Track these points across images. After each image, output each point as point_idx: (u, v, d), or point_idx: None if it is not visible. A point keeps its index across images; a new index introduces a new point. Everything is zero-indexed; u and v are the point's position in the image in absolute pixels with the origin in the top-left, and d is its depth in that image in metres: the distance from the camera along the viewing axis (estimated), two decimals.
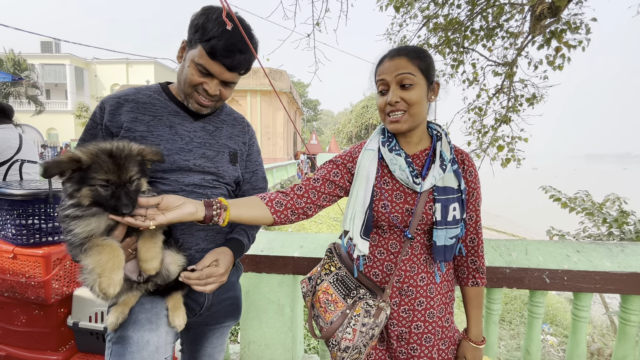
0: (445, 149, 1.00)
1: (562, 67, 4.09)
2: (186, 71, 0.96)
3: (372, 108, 34.95)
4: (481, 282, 1.06)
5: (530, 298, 1.49)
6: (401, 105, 0.95)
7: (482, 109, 4.79)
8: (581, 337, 1.46)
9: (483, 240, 1.07)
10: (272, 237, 1.74)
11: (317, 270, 1.14)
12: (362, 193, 1.01)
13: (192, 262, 0.98)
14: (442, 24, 4.56)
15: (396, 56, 0.97)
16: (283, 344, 1.65)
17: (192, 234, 1.01)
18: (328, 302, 1.04)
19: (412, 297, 1.00)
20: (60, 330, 1.57)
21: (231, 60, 0.94)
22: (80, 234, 0.78)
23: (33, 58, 26.00)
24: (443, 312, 1.03)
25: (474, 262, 1.06)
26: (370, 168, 1.01)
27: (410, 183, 0.97)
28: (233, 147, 1.10)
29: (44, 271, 1.44)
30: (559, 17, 3.72)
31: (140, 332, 0.88)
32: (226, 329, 1.16)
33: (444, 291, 1.04)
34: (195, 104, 0.99)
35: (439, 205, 0.96)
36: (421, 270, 1.00)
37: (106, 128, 0.97)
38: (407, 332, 1.01)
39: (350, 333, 0.95)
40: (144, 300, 0.93)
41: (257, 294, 1.64)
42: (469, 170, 1.03)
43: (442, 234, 0.96)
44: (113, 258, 0.79)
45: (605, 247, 1.47)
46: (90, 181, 0.77)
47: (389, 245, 1.02)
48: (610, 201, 4.27)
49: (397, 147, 1.01)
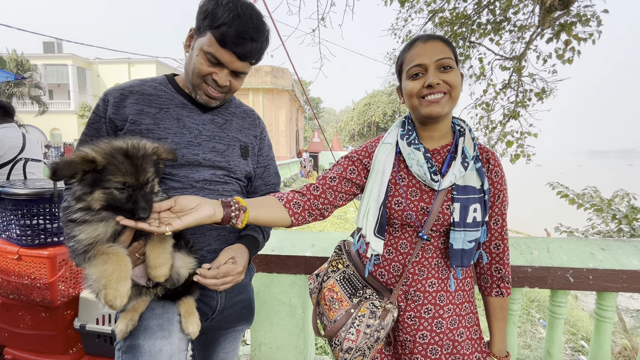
0: (469, 146, 0.93)
1: (572, 60, 4.01)
2: (194, 60, 0.90)
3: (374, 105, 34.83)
4: (506, 292, 0.98)
5: (552, 298, 1.43)
6: (442, 87, 0.87)
7: (490, 105, 4.72)
8: (605, 338, 1.41)
9: (509, 247, 0.99)
10: (282, 237, 1.70)
11: (325, 267, 1.09)
12: (376, 188, 0.95)
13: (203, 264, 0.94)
14: (448, 18, 4.48)
15: (430, 39, 0.91)
16: (295, 346, 1.61)
17: (203, 234, 0.96)
18: (333, 300, 0.99)
19: (418, 303, 0.94)
20: (67, 333, 1.53)
21: (242, 48, 0.88)
22: (84, 240, 0.72)
23: (35, 58, 26.05)
24: (456, 325, 0.95)
25: (498, 271, 0.98)
26: (386, 162, 0.96)
27: (427, 180, 0.91)
28: (244, 140, 1.05)
29: (50, 273, 1.40)
30: (569, 9, 3.64)
31: (152, 339, 0.83)
32: (239, 333, 1.11)
33: (458, 301, 0.96)
34: (204, 95, 0.94)
35: (457, 205, 0.89)
36: (431, 275, 0.94)
37: (110, 121, 0.91)
38: (411, 340, 0.95)
39: (353, 334, 0.90)
40: (154, 305, 0.88)
41: (268, 294, 1.60)
42: (494, 170, 0.95)
43: (460, 237, 0.89)
44: (119, 268, 0.74)
45: (632, 244, 1.41)
46: (105, 184, 0.71)
47: (399, 245, 0.96)
48: (619, 197, 4.20)
49: (416, 141, 0.94)
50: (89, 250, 0.73)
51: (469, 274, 1.00)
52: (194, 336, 0.89)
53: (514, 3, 4.27)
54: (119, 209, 0.74)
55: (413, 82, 0.91)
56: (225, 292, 1.02)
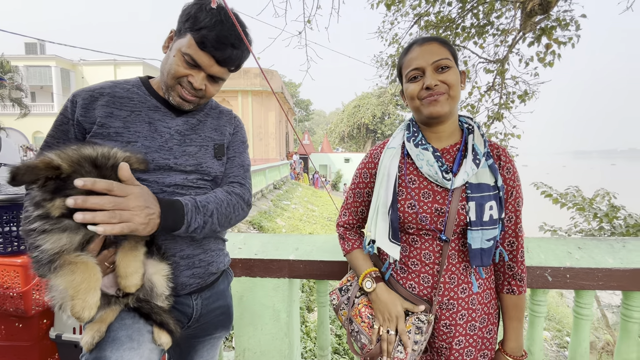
0: (479, 142, 0.93)
1: (553, 63, 4.12)
2: (171, 61, 0.89)
3: (363, 107, 35.07)
4: (518, 290, 0.96)
5: (532, 297, 1.46)
6: (441, 87, 0.88)
7: (475, 107, 4.81)
8: (584, 335, 1.43)
9: (524, 245, 0.98)
10: (266, 240, 1.68)
11: (354, 282, 1.06)
12: (383, 192, 0.95)
13: (177, 270, 0.91)
14: (434, 22, 4.55)
15: (426, 42, 0.92)
16: (279, 350, 1.59)
17: (174, 239, 0.93)
18: (372, 317, 0.97)
19: (453, 311, 0.93)
20: (43, 343, 1.48)
21: (222, 53, 0.87)
22: (50, 250, 0.67)
23: (17, 60, 25.34)
24: (485, 323, 0.96)
25: (510, 268, 0.97)
26: (390, 166, 0.96)
27: (439, 179, 0.90)
28: (218, 139, 1.02)
29: (23, 281, 1.36)
30: (549, 13, 3.74)
31: (120, 351, 0.78)
32: (217, 340, 1.09)
33: (486, 300, 0.96)
34: (177, 97, 0.92)
35: (472, 203, 0.88)
36: (462, 281, 0.93)
37: (78, 123, 0.88)
38: (447, 347, 0.94)
39: (402, 352, 0.88)
40: (124, 315, 0.84)
41: (251, 299, 1.58)
42: (506, 167, 0.94)
43: (478, 236, 0.88)
44: (88, 278, 0.70)
45: (607, 243, 1.44)
46: (68, 192, 0.66)
47: (422, 255, 0.94)
48: (600, 196, 4.32)
49: (423, 142, 0.94)
50: (55, 260, 0.69)
51: (492, 271, 1.00)
52: (166, 347, 0.86)
53: (496, 7, 4.38)
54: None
55: (412, 85, 0.92)
56: (202, 299, 1.00)
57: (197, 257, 0.96)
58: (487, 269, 0.98)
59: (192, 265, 0.95)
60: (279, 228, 9.55)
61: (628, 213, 3.93)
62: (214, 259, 1.01)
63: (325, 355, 1.65)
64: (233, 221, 0.98)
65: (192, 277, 0.96)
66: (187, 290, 0.96)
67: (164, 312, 0.87)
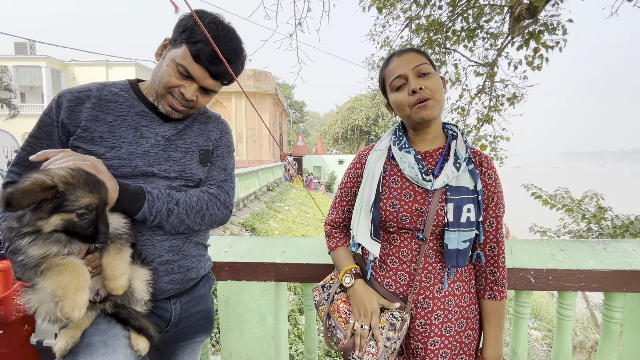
0: (461, 148, 0.96)
1: (541, 67, 4.19)
2: (164, 70, 0.88)
3: (357, 109, 35.22)
4: (499, 295, 0.97)
5: (516, 298, 1.47)
6: (426, 92, 0.91)
7: (465, 109, 4.86)
8: (566, 336, 1.45)
9: (505, 251, 0.99)
10: (252, 243, 1.67)
11: (335, 280, 1.07)
12: (367, 192, 0.99)
13: (155, 275, 0.90)
14: (424, 25, 4.60)
15: (404, 52, 0.96)
16: (266, 354, 1.58)
17: (154, 245, 0.91)
18: (349, 312, 0.99)
19: (428, 310, 0.94)
20: (24, 349, 1.45)
21: (217, 67, 0.88)
22: (37, 256, 0.68)
23: (6, 60, 24.95)
24: (463, 327, 0.96)
25: (492, 273, 0.98)
26: (375, 167, 1.00)
27: (419, 180, 0.94)
28: (205, 144, 1.01)
29: (3, 287, 1.33)
30: (536, 18, 3.80)
31: (93, 357, 0.76)
32: (198, 344, 1.08)
33: (464, 304, 0.97)
34: (167, 106, 0.91)
35: (451, 205, 0.91)
36: (437, 281, 0.95)
37: (63, 125, 0.86)
38: (422, 348, 0.95)
39: (373, 347, 0.89)
40: (99, 321, 0.83)
41: (238, 303, 1.57)
42: (487, 173, 0.97)
43: (455, 237, 0.91)
44: (77, 277, 0.70)
45: (588, 244, 1.47)
46: (65, 208, 0.67)
47: (401, 253, 0.97)
48: (588, 197, 4.39)
49: (406, 145, 0.99)
50: (41, 263, 0.68)
51: (472, 276, 1.01)
52: (143, 352, 0.84)
53: (486, 12, 4.43)
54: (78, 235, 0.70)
55: (399, 94, 0.96)
56: (181, 304, 0.99)
57: (176, 262, 0.95)
58: (466, 273, 0.99)
59: (170, 272, 0.94)
60: (272, 230, 9.52)
61: (615, 214, 4.00)
62: (193, 265, 1.00)
63: (312, 357, 1.64)
64: (207, 219, 0.96)
65: (171, 282, 0.95)
66: (165, 295, 0.95)
67: (143, 318, 0.86)
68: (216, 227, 1.04)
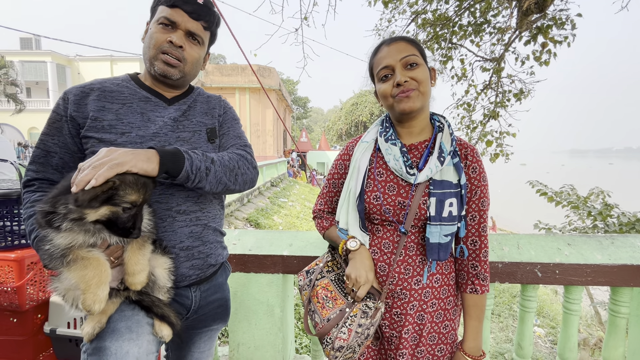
0: (446, 141, 0.96)
1: (549, 62, 4.14)
2: (150, 35, 0.94)
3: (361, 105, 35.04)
4: (480, 289, 0.97)
5: (522, 292, 1.48)
6: (411, 84, 0.91)
7: (471, 105, 4.82)
8: (572, 331, 1.46)
9: (488, 245, 0.99)
10: (260, 236, 1.69)
11: (319, 266, 1.09)
12: (353, 184, 1.00)
13: (176, 262, 0.93)
14: (431, 20, 4.55)
15: (394, 41, 0.95)
16: (273, 345, 1.61)
17: (174, 231, 0.94)
18: (327, 298, 1.00)
19: (405, 301, 0.96)
20: (37, 337, 1.49)
21: (191, 6, 0.94)
22: (62, 245, 0.72)
23: (12, 55, 25.11)
24: (441, 318, 0.98)
25: (474, 267, 0.98)
26: (362, 159, 1.00)
27: (403, 174, 0.94)
28: (210, 122, 1.04)
29: (17, 276, 1.36)
30: (545, 12, 3.75)
31: (119, 342, 0.81)
32: (214, 332, 1.11)
33: (443, 296, 0.98)
34: (161, 64, 0.94)
35: (433, 199, 0.91)
36: (416, 273, 0.96)
37: (72, 119, 0.90)
38: (397, 336, 0.97)
39: (345, 333, 0.91)
40: (124, 307, 0.86)
41: (246, 294, 1.59)
42: (472, 166, 0.97)
43: (436, 231, 0.91)
44: (100, 273, 0.74)
45: (596, 239, 1.47)
46: (115, 201, 0.72)
47: (382, 244, 0.98)
48: (594, 195, 4.36)
49: (393, 137, 0.99)
50: (67, 254, 0.72)
51: (452, 268, 1.01)
52: (167, 339, 0.88)
53: (493, 6, 4.38)
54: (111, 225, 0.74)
55: (384, 84, 0.96)
56: (200, 292, 1.02)
57: (196, 248, 0.98)
58: (447, 266, 0.99)
59: (191, 257, 0.97)
60: (276, 225, 9.56)
61: (621, 211, 3.97)
62: (212, 251, 1.03)
63: (319, 350, 1.66)
64: (240, 178, 0.97)
65: (192, 268, 0.98)
66: (187, 282, 0.98)
67: (165, 305, 0.89)
68: (248, 189, 1.06)
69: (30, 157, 0.92)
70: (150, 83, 1.00)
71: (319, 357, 1.66)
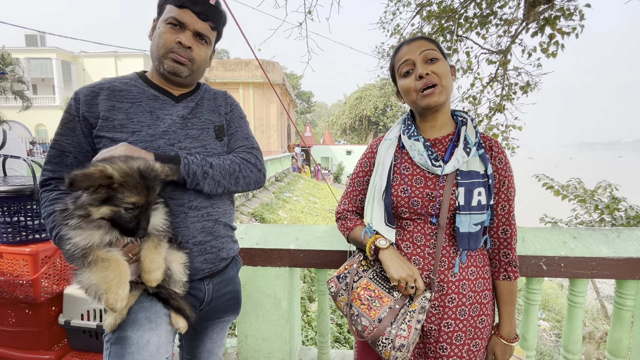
0: (470, 133, 0.98)
1: (556, 54, 4.08)
2: (158, 34, 0.95)
3: (365, 99, 34.81)
4: (514, 276, 1.01)
5: (527, 285, 1.49)
6: (433, 77, 0.94)
7: (477, 98, 4.78)
8: (577, 323, 1.47)
9: (517, 233, 1.02)
10: (267, 230, 1.72)
11: (354, 267, 1.08)
12: (378, 179, 1.02)
13: (190, 256, 0.96)
14: (436, 12, 4.50)
15: (413, 40, 0.99)
16: (280, 337, 1.64)
17: (187, 226, 0.97)
18: (372, 298, 0.98)
19: (442, 293, 0.97)
20: (52, 329, 1.53)
21: (200, 7, 0.95)
22: (81, 244, 0.75)
23: (17, 52, 25.23)
24: (477, 312, 0.98)
25: (506, 255, 1.01)
26: (386, 155, 1.03)
27: (429, 166, 0.96)
28: (217, 120, 1.06)
29: (32, 270, 1.40)
30: (552, 3, 3.69)
31: (140, 332, 0.85)
32: (226, 323, 1.14)
33: (478, 289, 0.98)
34: (171, 62, 0.96)
35: (462, 189, 0.93)
36: (452, 265, 0.96)
37: (84, 119, 0.92)
38: (436, 329, 0.97)
39: (405, 330, 0.89)
40: (142, 299, 0.90)
41: (253, 287, 1.62)
42: (498, 157, 0.99)
43: (466, 220, 0.92)
44: (120, 274, 0.78)
45: (602, 232, 1.47)
46: (116, 201, 0.74)
47: (414, 238, 0.99)
48: (602, 188, 4.32)
49: (415, 134, 1.01)
50: (88, 254, 0.76)
51: (487, 262, 1.03)
52: (183, 330, 0.92)
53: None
54: (117, 224, 0.77)
55: (406, 79, 0.99)
56: (213, 284, 1.05)
57: (209, 243, 1.01)
58: (480, 259, 1.00)
59: (204, 251, 1.00)
60: (281, 220, 9.61)
61: (629, 205, 3.93)
62: (224, 245, 1.06)
63: (325, 341, 1.69)
64: (242, 181, 1.01)
65: (205, 262, 1.01)
66: (200, 275, 1.01)
67: (181, 298, 0.93)
68: (253, 190, 1.10)
69: (46, 157, 0.95)
70: (158, 81, 1.01)
71: (325, 349, 1.70)
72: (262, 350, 1.66)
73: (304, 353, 1.81)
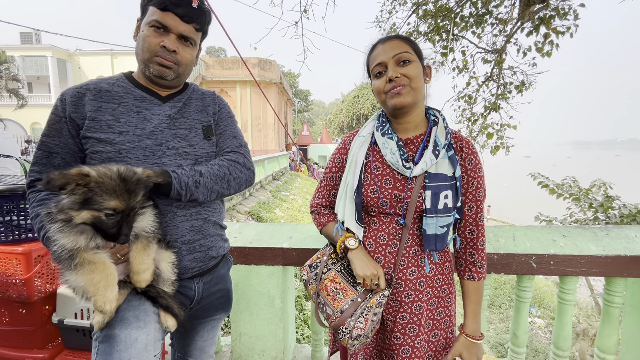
0: (440, 134, 0.98)
1: (551, 53, 4.10)
2: (142, 37, 0.95)
3: (363, 98, 34.81)
4: (477, 276, 1.02)
5: (518, 283, 1.51)
6: (402, 80, 0.94)
7: (472, 97, 4.80)
8: (567, 320, 1.49)
9: (484, 234, 1.03)
10: (261, 229, 1.72)
11: (323, 259, 1.11)
12: (350, 178, 1.02)
13: (179, 255, 0.96)
14: (432, 11, 4.51)
15: (388, 40, 0.98)
16: (274, 335, 1.65)
17: (176, 225, 0.97)
18: (337, 290, 1.03)
19: (399, 290, 1.00)
20: (46, 328, 1.53)
21: (182, 9, 0.94)
22: (67, 247, 0.75)
23: (12, 50, 25.02)
24: (435, 305, 1.02)
25: (471, 255, 1.02)
26: (359, 153, 1.03)
27: (400, 167, 0.96)
28: (205, 120, 1.06)
29: (25, 269, 1.40)
30: (547, 2, 3.71)
31: (128, 330, 0.85)
32: (217, 322, 1.15)
33: (437, 284, 1.02)
34: (157, 65, 0.95)
35: (429, 192, 0.94)
36: (411, 264, 0.99)
37: (71, 120, 0.92)
38: (392, 321, 1.01)
39: (362, 322, 0.94)
40: (131, 297, 0.90)
41: (247, 286, 1.63)
42: (467, 158, 0.99)
43: (433, 222, 0.94)
44: (106, 277, 0.78)
45: (591, 231, 1.49)
46: (95, 206, 0.73)
47: (378, 237, 1.01)
48: (596, 187, 4.35)
49: (389, 131, 1.01)
50: (74, 257, 0.76)
51: (448, 259, 1.05)
52: (172, 329, 0.92)
53: None
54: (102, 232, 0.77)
55: (378, 81, 0.99)
56: (203, 283, 1.05)
57: (198, 242, 1.01)
58: (442, 256, 1.03)
59: (193, 250, 1.01)
60: (278, 219, 9.62)
61: (623, 203, 3.96)
62: (213, 244, 1.06)
63: (318, 339, 1.71)
64: (233, 183, 1.02)
65: (194, 261, 1.01)
66: (190, 274, 1.01)
67: (169, 297, 0.93)
68: (244, 189, 1.09)
69: (33, 158, 0.94)
70: (144, 82, 1.01)
71: (319, 346, 1.71)
72: (256, 348, 1.67)
73: (298, 351, 1.82)
